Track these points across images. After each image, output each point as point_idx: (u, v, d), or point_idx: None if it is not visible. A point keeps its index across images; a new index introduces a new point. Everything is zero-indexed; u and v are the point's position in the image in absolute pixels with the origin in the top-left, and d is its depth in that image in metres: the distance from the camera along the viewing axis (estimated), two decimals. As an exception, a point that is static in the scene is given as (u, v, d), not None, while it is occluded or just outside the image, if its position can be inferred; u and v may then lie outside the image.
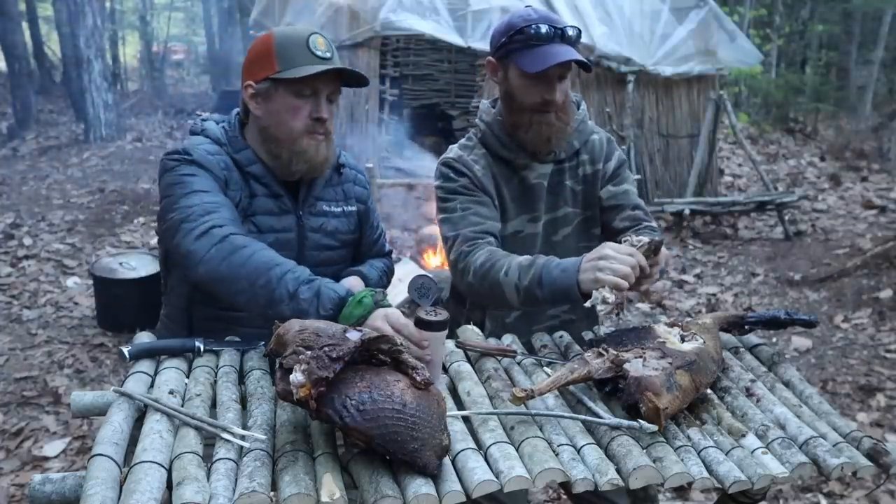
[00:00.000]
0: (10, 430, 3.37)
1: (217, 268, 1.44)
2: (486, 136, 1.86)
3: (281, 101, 1.60)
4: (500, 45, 1.75)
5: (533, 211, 1.86)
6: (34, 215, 6.72)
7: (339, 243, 1.79)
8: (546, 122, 1.76)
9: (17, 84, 11.01)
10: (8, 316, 4.60)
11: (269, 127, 1.64)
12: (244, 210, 1.63)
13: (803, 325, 1.63)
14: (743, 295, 5.45)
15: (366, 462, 1.10)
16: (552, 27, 1.69)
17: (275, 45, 1.59)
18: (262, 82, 1.60)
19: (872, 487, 2.89)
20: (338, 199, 1.79)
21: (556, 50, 1.68)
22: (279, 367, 1.12)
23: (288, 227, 1.69)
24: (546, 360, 1.52)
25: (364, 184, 1.88)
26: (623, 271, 1.43)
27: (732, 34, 7.79)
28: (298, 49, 1.58)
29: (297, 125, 1.61)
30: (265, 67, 1.60)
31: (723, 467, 1.18)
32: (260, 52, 1.62)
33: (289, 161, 1.64)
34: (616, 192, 1.89)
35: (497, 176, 1.84)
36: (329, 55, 1.61)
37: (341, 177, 1.82)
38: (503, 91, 1.82)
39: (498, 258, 1.67)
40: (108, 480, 1.01)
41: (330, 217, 1.76)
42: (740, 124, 8.72)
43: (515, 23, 1.72)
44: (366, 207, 1.86)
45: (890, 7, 12.71)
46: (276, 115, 1.62)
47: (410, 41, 8.25)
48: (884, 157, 10.21)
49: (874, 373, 4.04)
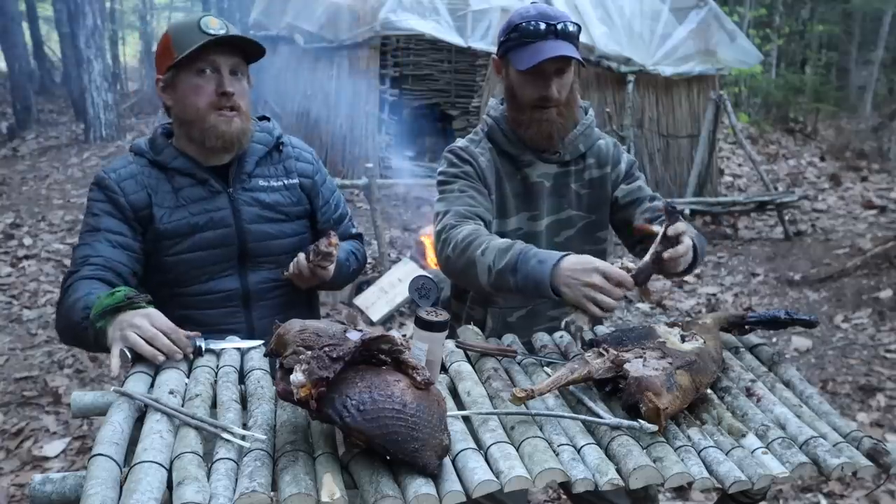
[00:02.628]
0: (10, 430, 3.37)
1: (58, 318, 1.60)
2: (493, 131, 1.87)
3: (184, 84, 1.65)
4: (501, 43, 1.78)
5: (533, 209, 1.86)
6: (34, 215, 6.72)
7: (283, 216, 1.79)
8: (546, 119, 1.76)
9: (17, 84, 11.02)
10: (8, 316, 4.60)
11: (180, 113, 1.69)
12: (175, 205, 1.69)
13: (803, 325, 1.63)
14: (743, 295, 5.45)
15: (366, 462, 1.10)
16: (546, 23, 1.69)
17: (171, 35, 1.65)
18: (167, 73, 1.66)
19: (872, 487, 2.89)
20: (278, 174, 1.81)
21: (547, 46, 1.69)
22: (279, 367, 1.12)
23: (221, 206, 1.72)
24: (546, 360, 1.52)
25: (309, 160, 1.88)
26: (609, 305, 1.43)
27: (732, 34, 7.79)
28: (191, 32, 1.62)
29: (202, 102, 1.64)
30: (167, 59, 1.65)
31: (723, 467, 1.18)
32: (161, 48, 1.68)
33: (202, 139, 1.67)
34: (631, 189, 1.89)
35: (500, 171, 1.84)
36: (223, 31, 1.63)
37: (281, 154, 1.84)
38: (506, 88, 1.83)
39: (480, 235, 1.65)
40: (108, 480, 1.01)
41: (268, 191, 1.78)
42: (740, 124, 8.71)
43: (513, 20, 1.74)
44: (312, 181, 1.86)
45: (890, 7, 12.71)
46: (182, 99, 1.66)
47: (410, 41, 8.24)
48: (884, 157, 10.21)
49: (874, 373, 4.04)
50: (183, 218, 1.68)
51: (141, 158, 1.73)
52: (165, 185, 1.70)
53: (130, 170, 1.71)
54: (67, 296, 1.56)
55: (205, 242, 1.70)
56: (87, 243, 1.64)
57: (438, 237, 1.73)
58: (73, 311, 1.50)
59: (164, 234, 1.68)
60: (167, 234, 1.68)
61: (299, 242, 1.81)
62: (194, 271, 1.70)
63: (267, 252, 1.77)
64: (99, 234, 1.65)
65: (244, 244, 1.74)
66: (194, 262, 1.69)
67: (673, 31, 7.44)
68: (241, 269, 1.75)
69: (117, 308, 1.42)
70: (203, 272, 1.71)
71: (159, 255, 1.69)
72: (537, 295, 1.53)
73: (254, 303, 1.76)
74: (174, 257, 1.69)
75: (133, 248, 1.66)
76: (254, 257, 1.76)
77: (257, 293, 1.76)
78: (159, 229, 1.67)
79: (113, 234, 1.65)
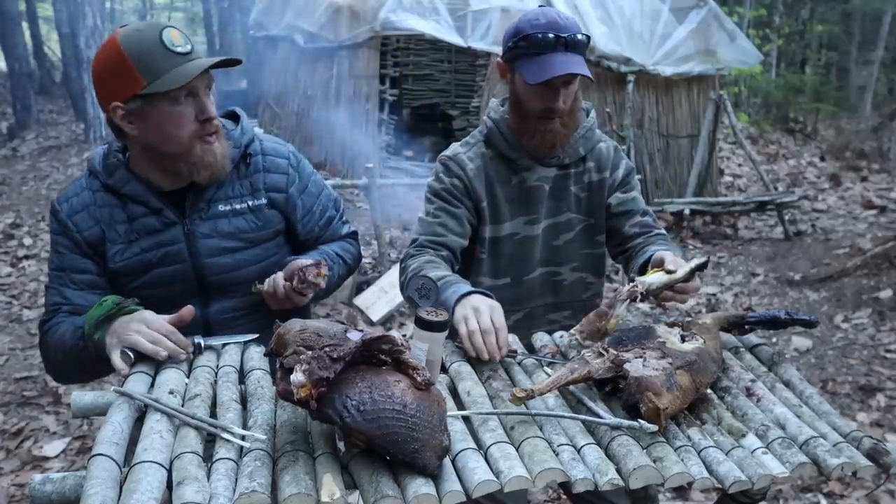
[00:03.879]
0: (10, 430, 3.37)
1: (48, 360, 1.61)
2: (493, 133, 1.85)
3: (160, 115, 1.45)
4: (507, 49, 1.74)
5: (531, 213, 1.86)
6: (34, 215, 6.72)
7: (245, 243, 1.64)
8: (550, 130, 1.75)
9: (17, 84, 11.01)
10: (8, 316, 4.61)
11: (154, 145, 1.50)
12: (128, 237, 1.57)
13: (803, 325, 1.63)
14: (743, 295, 5.45)
15: (366, 462, 1.09)
16: (557, 35, 1.66)
17: (128, 55, 1.42)
18: (132, 101, 1.44)
19: (872, 487, 2.89)
20: (242, 194, 1.64)
21: (559, 60, 1.66)
22: (280, 367, 1.12)
23: (176, 240, 1.59)
24: (546, 360, 1.52)
25: (282, 169, 1.70)
26: (477, 342, 1.44)
27: (732, 34, 7.79)
28: (156, 53, 1.42)
29: (185, 134, 1.48)
30: (128, 84, 1.43)
31: (723, 467, 1.18)
32: (116, 68, 1.43)
33: (189, 174, 1.53)
34: (625, 199, 1.88)
35: (492, 177, 1.83)
36: (189, 47, 1.46)
37: (249, 168, 1.66)
38: (510, 94, 1.81)
39: (427, 262, 1.69)
40: (108, 480, 1.01)
41: (230, 216, 1.62)
42: (740, 124, 8.71)
43: (522, 27, 1.69)
44: (286, 196, 1.69)
45: (890, 7, 12.71)
46: (158, 131, 1.48)
47: (410, 41, 8.26)
48: (884, 157, 10.21)
49: (874, 373, 4.04)
50: (135, 255, 1.57)
51: (94, 180, 1.59)
52: (119, 214, 1.57)
53: (83, 199, 1.58)
54: (49, 337, 1.55)
55: (160, 279, 1.59)
56: (56, 288, 1.58)
57: (401, 264, 1.78)
58: (63, 342, 1.50)
59: (117, 271, 1.58)
60: (121, 271, 1.58)
61: (267, 266, 1.66)
62: (153, 306, 1.49)
63: (229, 282, 1.64)
64: (65, 275, 1.58)
65: (202, 279, 1.62)
66: (152, 299, 1.54)
67: (673, 31, 7.44)
68: (202, 299, 1.63)
69: (109, 317, 1.41)
70: (163, 305, 1.50)
71: (117, 289, 1.59)
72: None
73: (215, 332, 1.61)
74: (131, 293, 1.55)
75: (99, 286, 1.58)
76: (215, 288, 1.64)
77: (218, 324, 1.64)
78: (112, 267, 1.58)
79: (78, 275, 1.57)
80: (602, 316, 1.48)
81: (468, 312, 1.47)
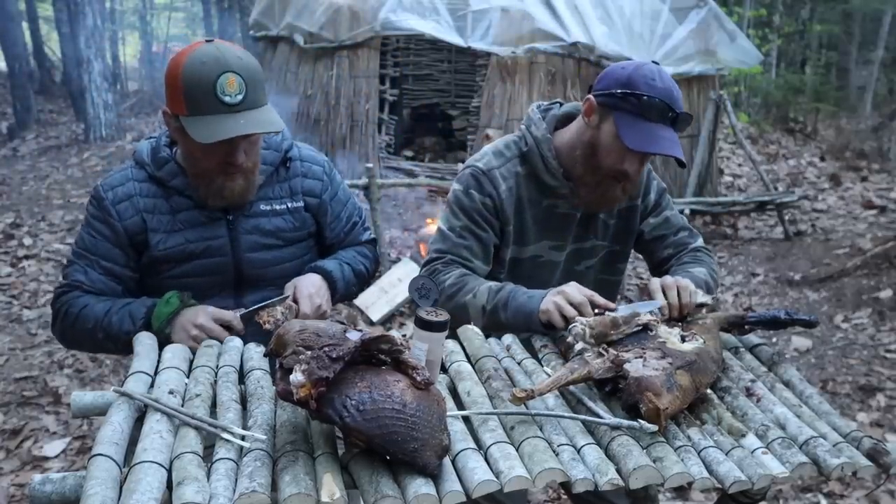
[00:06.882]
0: (10, 430, 3.37)
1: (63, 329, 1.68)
2: (532, 153, 1.75)
3: (192, 143, 1.51)
4: (611, 94, 1.61)
5: (558, 239, 1.81)
6: (34, 215, 6.72)
7: (283, 241, 1.75)
8: (611, 192, 1.70)
9: (17, 84, 11.01)
10: (8, 316, 4.61)
11: (184, 154, 1.63)
12: (171, 227, 1.65)
13: (803, 325, 1.63)
14: (743, 295, 5.45)
15: (366, 462, 1.09)
16: (669, 108, 1.57)
17: (182, 82, 1.48)
18: (174, 117, 1.54)
19: (872, 487, 2.89)
20: (282, 195, 1.74)
21: (665, 136, 1.58)
22: (279, 367, 1.12)
23: (219, 234, 1.68)
24: (546, 361, 1.52)
25: (318, 176, 1.80)
26: (577, 299, 1.54)
27: (732, 34, 7.78)
28: (207, 94, 1.47)
29: (210, 166, 1.58)
30: (176, 103, 1.51)
31: (723, 467, 1.18)
32: (172, 84, 1.51)
33: (205, 196, 1.63)
34: (657, 224, 1.87)
35: (523, 198, 1.76)
36: (240, 97, 1.49)
37: (289, 171, 1.76)
38: (589, 137, 1.68)
39: (467, 282, 1.69)
40: (108, 480, 1.01)
41: (270, 216, 1.72)
42: (740, 124, 8.71)
43: (636, 83, 1.58)
44: (319, 201, 1.79)
45: (890, 7, 12.70)
46: (189, 150, 1.58)
47: (410, 41, 8.25)
48: (884, 157, 10.20)
49: (874, 373, 4.04)
50: (179, 244, 1.65)
51: (141, 171, 1.67)
52: (162, 205, 1.65)
53: (128, 189, 1.65)
54: (69, 308, 1.63)
55: (200, 269, 1.68)
56: (81, 267, 1.65)
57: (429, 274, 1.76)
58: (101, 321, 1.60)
59: (158, 258, 1.65)
60: (162, 258, 1.65)
61: (299, 265, 1.78)
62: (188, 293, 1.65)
63: (264, 277, 1.74)
64: (94, 259, 1.65)
65: (240, 272, 1.71)
66: (188, 286, 1.66)
67: (673, 31, 7.43)
68: (236, 290, 1.73)
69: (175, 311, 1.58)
70: (198, 293, 1.66)
71: (154, 275, 1.67)
72: (527, 326, 1.62)
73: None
74: (169, 280, 1.67)
75: (124, 277, 1.67)
76: (250, 281, 1.74)
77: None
78: (154, 254, 1.65)
79: (106, 262, 1.65)
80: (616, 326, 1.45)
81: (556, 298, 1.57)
